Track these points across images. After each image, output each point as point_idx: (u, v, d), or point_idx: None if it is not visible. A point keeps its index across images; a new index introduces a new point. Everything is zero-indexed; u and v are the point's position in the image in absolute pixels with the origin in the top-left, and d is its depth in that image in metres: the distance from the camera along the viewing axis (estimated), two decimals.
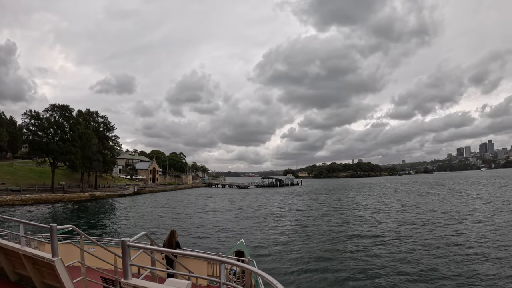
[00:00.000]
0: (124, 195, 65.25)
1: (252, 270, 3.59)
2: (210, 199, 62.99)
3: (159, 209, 43.03)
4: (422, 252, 17.32)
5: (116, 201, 55.53)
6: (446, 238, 20.33)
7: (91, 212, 40.31)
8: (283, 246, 19.49)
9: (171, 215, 36.67)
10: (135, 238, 4.07)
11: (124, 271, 3.65)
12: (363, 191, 76.66)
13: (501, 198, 44.59)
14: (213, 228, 27.11)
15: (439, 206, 37.84)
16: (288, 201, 55.88)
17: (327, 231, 24.36)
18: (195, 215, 36.33)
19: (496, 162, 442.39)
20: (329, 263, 15.72)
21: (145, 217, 34.61)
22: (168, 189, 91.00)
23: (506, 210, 32.22)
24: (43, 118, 53.99)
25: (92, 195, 57.90)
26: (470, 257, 15.95)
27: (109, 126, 70.08)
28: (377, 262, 15.67)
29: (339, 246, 19.47)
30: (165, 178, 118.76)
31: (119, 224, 30.13)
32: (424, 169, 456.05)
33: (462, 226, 24.60)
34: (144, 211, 40.70)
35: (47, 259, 4.51)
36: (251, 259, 8.90)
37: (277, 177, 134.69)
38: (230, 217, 34.39)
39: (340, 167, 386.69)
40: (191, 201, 58.36)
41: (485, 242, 19.05)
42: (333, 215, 34.33)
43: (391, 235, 22.16)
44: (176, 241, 8.66)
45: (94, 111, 69.53)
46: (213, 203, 52.56)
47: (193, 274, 5.17)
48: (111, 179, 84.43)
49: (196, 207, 45.82)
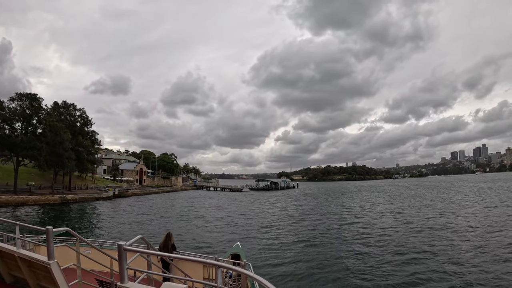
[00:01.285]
0: (102, 198, 57.89)
1: (247, 274, 3.55)
2: (199, 203, 56.13)
3: (137, 217, 36.08)
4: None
5: (90, 205, 48.23)
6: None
7: (52, 217, 33.26)
8: (282, 253, 17.76)
9: (147, 225, 29.72)
10: (132, 241, 4.06)
11: (120, 275, 3.61)
12: (367, 195, 70.43)
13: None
14: (194, 243, 20.41)
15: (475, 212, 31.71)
16: (288, 205, 49.35)
17: (332, 239, 21.20)
18: (175, 224, 29.52)
19: (490, 166, 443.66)
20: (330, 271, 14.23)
21: (114, 227, 27.68)
22: (155, 191, 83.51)
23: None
24: (7, 108, 46.59)
25: (63, 198, 50.48)
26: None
27: (87, 120, 62.52)
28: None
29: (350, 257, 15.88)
30: (154, 179, 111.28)
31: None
32: (419, 173, 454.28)
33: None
34: (118, 219, 33.66)
35: (43, 261, 4.49)
36: (247, 262, 8.65)
37: (272, 180, 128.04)
38: (216, 228, 27.63)
39: (335, 170, 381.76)
40: (177, 205, 51.49)
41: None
42: (341, 221, 27.97)
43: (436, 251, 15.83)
44: (172, 244, 8.60)
45: (71, 103, 62.14)
46: (200, 209, 45.80)
47: (189, 277, 5.56)
48: (91, 180, 76.77)
49: (180, 214, 39.02)
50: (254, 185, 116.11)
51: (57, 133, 49.57)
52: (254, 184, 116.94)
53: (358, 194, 75.72)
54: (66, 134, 52.64)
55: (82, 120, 62.01)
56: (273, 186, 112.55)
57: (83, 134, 60.16)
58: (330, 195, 73.84)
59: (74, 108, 62.64)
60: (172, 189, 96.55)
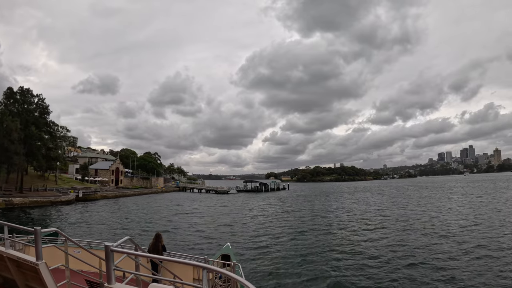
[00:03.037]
0: (60, 202, 48.34)
1: (232, 277, 3.50)
2: (176, 207, 47.52)
3: (89, 228, 27.31)
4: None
5: (37, 211, 39.04)
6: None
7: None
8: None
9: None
10: (119, 242, 4.05)
11: (107, 276, 3.54)
12: (363, 195, 63.08)
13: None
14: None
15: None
16: (283, 212, 41.32)
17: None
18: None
19: (478, 167, 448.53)
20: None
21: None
22: (130, 194, 73.87)
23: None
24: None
25: (7, 202, 41.03)
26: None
27: (44, 109, 52.86)
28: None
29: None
30: (132, 180, 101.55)
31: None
32: (408, 174, 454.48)
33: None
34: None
35: (31, 262, 4.47)
36: (236, 263, 8.61)
37: (261, 181, 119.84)
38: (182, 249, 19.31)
39: (324, 170, 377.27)
40: (149, 211, 42.78)
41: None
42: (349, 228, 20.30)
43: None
44: (162, 245, 8.36)
45: (26, 88, 52.52)
46: (173, 218, 37.40)
47: (177, 279, 5.38)
48: (54, 181, 66.83)
49: (145, 223, 30.46)
50: (242, 186, 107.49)
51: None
52: (242, 186, 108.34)
53: (358, 195, 68.42)
54: (15, 123, 43.25)
55: (39, 109, 52.34)
56: (262, 188, 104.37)
57: (38, 125, 50.29)
58: (327, 197, 66.34)
59: (32, 94, 53.11)
60: (150, 191, 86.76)
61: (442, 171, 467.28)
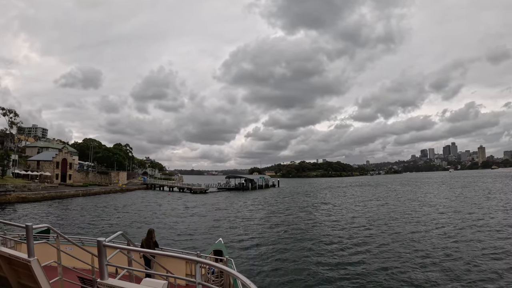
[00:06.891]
0: None
1: (225, 270, 3.49)
2: (117, 220, 29.96)
3: None
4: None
5: None
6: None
7: None
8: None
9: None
10: (111, 237, 3.95)
11: (100, 271, 3.49)
12: (375, 191, 47.36)
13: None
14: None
15: None
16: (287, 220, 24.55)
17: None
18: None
19: (461, 163, 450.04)
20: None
21: None
22: (71, 194, 54.67)
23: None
24: None
25: None
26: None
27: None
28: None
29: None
30: (88, 175, 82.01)
31: None
32: (393, 170, 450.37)
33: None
34: None
35: (23, 259, 4.21)
36: (229, 258, 8.17)
37: (247, 176, 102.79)
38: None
39: (310, 166, 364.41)
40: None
41: None
42: None
43: None
44: (154, 241, 8.34)
45: None
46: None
47: (170, 273, 5.49)
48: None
49: None
50: (224, 183, 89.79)
51: None
52: (224, 182, 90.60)
53: (362, 191, 52.73)
54: None
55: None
56: (248, 185, 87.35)
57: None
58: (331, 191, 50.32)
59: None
60: (103, 189, 66.72)
61: (426, 168, 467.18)
